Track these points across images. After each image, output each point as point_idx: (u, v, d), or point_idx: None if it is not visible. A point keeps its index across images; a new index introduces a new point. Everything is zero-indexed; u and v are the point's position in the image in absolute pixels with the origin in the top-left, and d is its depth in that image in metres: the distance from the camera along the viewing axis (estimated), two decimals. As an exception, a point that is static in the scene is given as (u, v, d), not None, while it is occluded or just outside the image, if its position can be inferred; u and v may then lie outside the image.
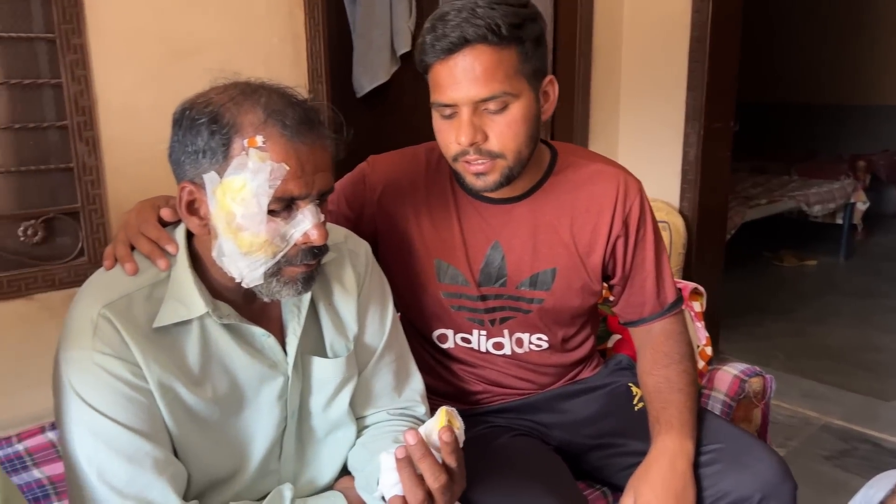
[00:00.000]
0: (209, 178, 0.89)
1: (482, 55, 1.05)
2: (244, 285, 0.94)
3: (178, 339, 0.95)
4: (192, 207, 0.94)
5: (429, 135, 1.44)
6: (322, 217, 0.92)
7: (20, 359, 1.56)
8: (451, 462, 0.88)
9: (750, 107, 3.92)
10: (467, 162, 1.12)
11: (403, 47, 2.78)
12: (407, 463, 0.86)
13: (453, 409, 0.89)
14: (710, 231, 2.83)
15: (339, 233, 1.11)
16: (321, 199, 0.94)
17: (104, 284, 0.94)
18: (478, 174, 1.13)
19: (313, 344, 1.06)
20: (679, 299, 1.32)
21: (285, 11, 1.85)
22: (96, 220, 1.62)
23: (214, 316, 0.95)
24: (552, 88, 1.15)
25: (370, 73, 2.81)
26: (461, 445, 0.89)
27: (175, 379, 0.93)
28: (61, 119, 1.58)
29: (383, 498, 0.92)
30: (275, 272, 0.93)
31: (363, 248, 1.14)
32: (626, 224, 1.24)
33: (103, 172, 1.62)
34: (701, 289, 1.66)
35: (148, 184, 1.64)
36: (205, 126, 0.88)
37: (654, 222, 1.28)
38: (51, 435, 1.46)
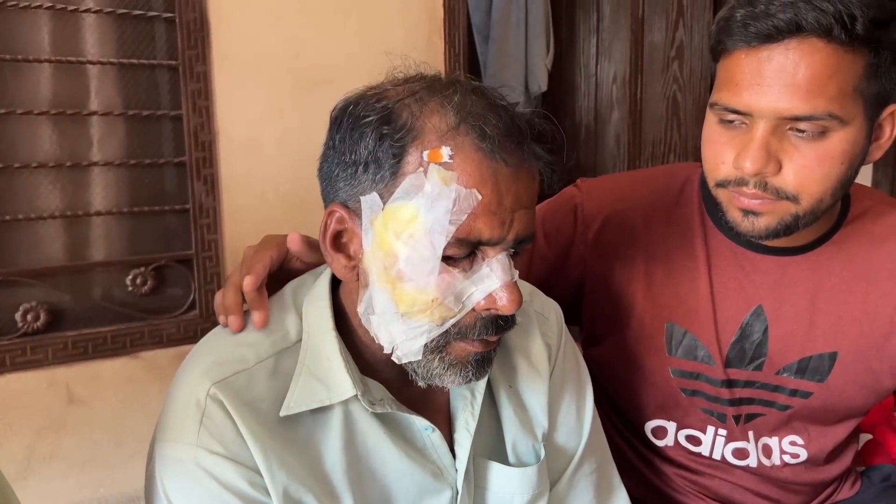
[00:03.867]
0: (369, 201, 0.64)
1: (815, 54, 0.75)
2: (395, 359, 0.67)
3: (314, 434, 0.68)
4: (340, 242, 0.68)
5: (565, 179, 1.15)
6: (516, 275, 0.65)
7: (120, 425, 1.42)
8: None
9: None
10: (741, 195, 0.82)
11: (539, 87, 2.59)
12: None
13: None
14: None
15: (524, 289, 0.83)
16: (517, 249, 0.66)
17: (217, 352, 0.69)
18: (748, 212, 0.81)
19: (491, 444, 0.77)
20: None
21: (424, 38, 1.67)
22: (210, 269, 1.46)
23: (364, 401, 0.68)
24: (891, 122, 0.83)
25: (502, 115, 2.61)
26: None
27: (306, 490, 0.66)
28: (179, 155, 1.45)
29: None
30: (439, 347, 0.66)
31: (553, 310, 0.85)
32: None
33: (221, 215, 1.47)
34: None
35: (270, 228, 1.46)
36: (372, 127, 0.63)
37: None
38: (147, 522, 1.25)
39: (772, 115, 0.76)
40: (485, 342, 0.67)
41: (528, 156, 0.63)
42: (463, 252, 0.63)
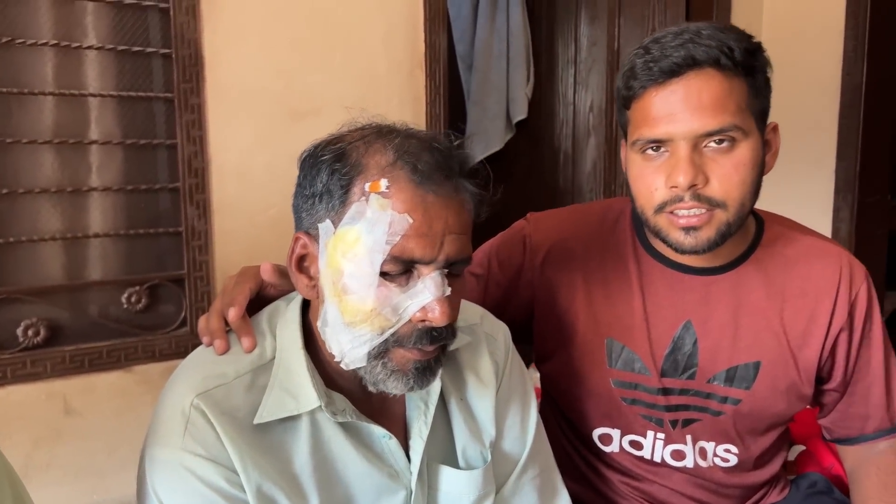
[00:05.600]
0: (324, 227, 0.74)
1: (712, 80, 0.87)
2: (343, 366, 0.76)
3: (284, 439, 0.77)
4: (303, 264, 0.78)
5: (541, 205, 1.25)
6: (448, 290, 0.74)
7: (114, 435, 1.46)
8: None
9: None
10: (675, 214, 0.92)
11: (520, 114, 2.71)
12: None
13: None
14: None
15: (474, 312, 0.93)
16: (452, 270, 0.76)
17: (201, 367, 0.79)
18: (688, 229, 0.91)
19: (443, 450, 0.87)
20: None
21: (406, 71, 1.76)
22: (201, 289, 1.53)
23: (328, 411, 0.77)
24: (774, 137, 0.96)
25: (484, 140, 2.72)
26: None
27: (277, 488, 0.75)
28: (174, 181, 1.52)
29: None
30: (381, 353, 0.75)
31: (501, 331, 0.94)
32: (850, 315, 1.00)
33: (212, 237, 1.54)
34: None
35: (258, 250, 1.56)
36: (327, 165, 0.74)
37: (881, 318, 1.03)
38: (137, 526, 1.32)
39: (689, 135, 0.88)
40: (422, 351, 0.75)
41: (457, 188, 0.73)
42: (398, 269, 0.72)
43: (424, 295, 0.73)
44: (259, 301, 0.86)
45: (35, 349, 1.40)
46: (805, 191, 2.49)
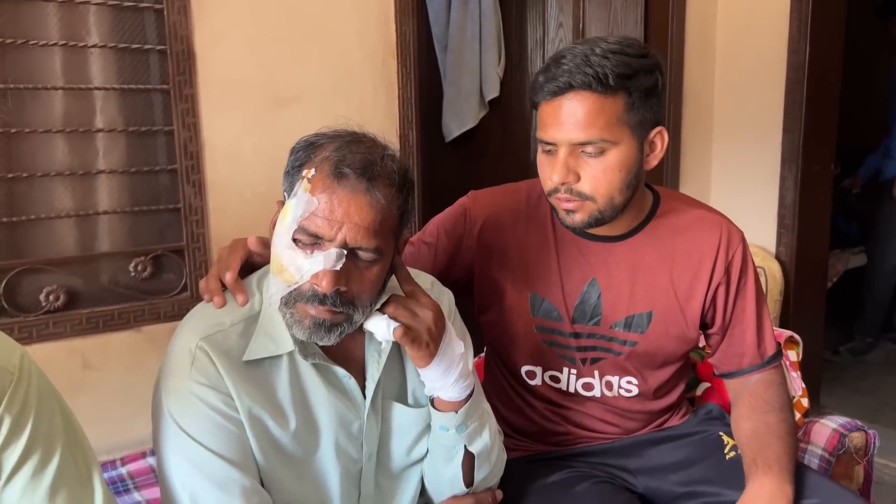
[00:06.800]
0: (285, 197, 0.95)
1: (585, 101, 1.07)
2: (268, 305, 0.97)
3: (269, 373, 0.99)
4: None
5: (514, 177, 1.46)
6: (338, 266, 0.90)
7: (126, 387, 1.64)
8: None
9: (854, 150, 3.74)
10: (559, 199, 1.14)
11: (492, 93, 2.85)
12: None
13: None
14: (810, 278, 2.71)
15: (426, 280, 1.14)
16: (359, 256, 0.93)
17: (203, 318, 1.00)
18: (568, 211, 1.15)
19: (397, 390, 1.08)
20: (779, 353, 1.28)
21: (379, 60, 1.93)
22: (199, 258, 1.72)
23: (301, 354, 0.99)
24: (660, 139, 1.15)
25: (459, 118, 2.88)
26: None
27: (263, 411, 0.97)
28: (172, 163, 1.68)
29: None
30: (288, 303, 0.94)
31: (447, 297, 1.15)
32: (727, 272, 1.22)
33: (207, 213, 1.71)
34: (797, 337, 1.59)
35: (248, 223, 1.73)
36: (296, 153, 0.96)
37: (756, 274, 1.26)
38: (151, 460, 1.54)
39: (566, 142, 1.09)
40: (316, 309, 0.93)
41: (364, 189, 0.91)
42: (306, 239, 0.91)
43: (316, 264, 0.91)
44: (246, 267, 1.08)
45: (56, 312, 1.58)
46: (754, 161, 2.69)
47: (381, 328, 0.97)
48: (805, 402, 1.54)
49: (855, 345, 3.65)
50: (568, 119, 1.08)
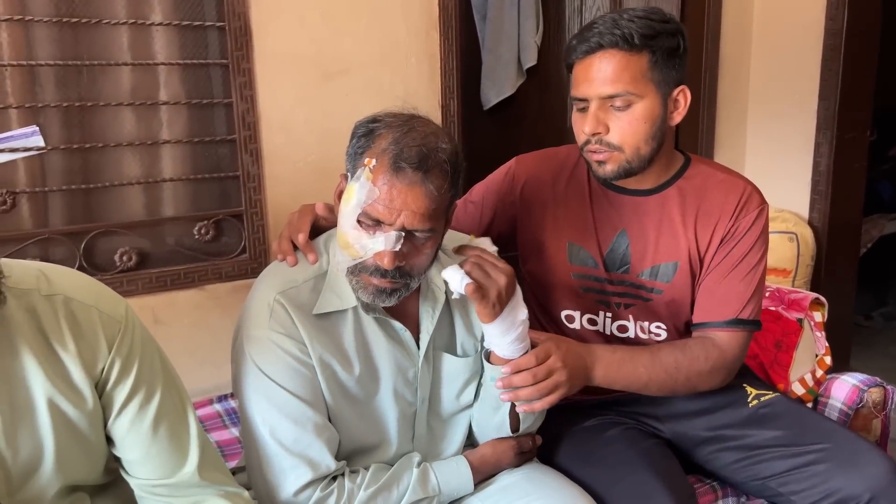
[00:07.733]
0: (348, 177, 1.06)
1: (613, 58, 1.20)
2: (335, 270, 1.09)
3: (336, 325, 1.11)
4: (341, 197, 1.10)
5: (550, 144, 1.56)
6: (397, 247, 1.02)
7: (192, 340, 1.79)
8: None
9: (892, 114, 3.71)
10: (591, 151, 1.25)
11: (530, 61, 2.90)
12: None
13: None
14: (842, 244, 2.75)
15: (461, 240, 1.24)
16: (415, 236, 1.04)
17: (278, 275, 1.13)
18: (599, 162, 1.26)
19: (447, 341, 1.20)
20: (744, 322, 1.29)
21: (423, 33, 2.01)
22: (257, 222, 1.84)
23: (363, 310, 1.10)
24: (683, 97, 1.26)
25: (497, 86, 2.94)
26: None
27: (332, 358, 1.10)
28: (231, 133, 1.80)
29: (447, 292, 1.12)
30: (354, 272, 1.07)
31: None
32: (734, 229, 1.30)
33: (264, 180, 1.83)
34: (822, 299, 1.67)
35: (301, 190, 1.86)
36: (359, 135, 1.06)
37: (764, 245, 1.31)
38: (218, 406, 1.69)
39: (596, 96, 1.22)
40: (379, 280, 1.05)
41: (420, 180, 1.01)
42: (368, 221, 1.03)
43: (378, 244, 1.02)
44: (314, 229, 1.19)
45: (128, 271, 1.72)
46: (789, 128, 2.72)
47: (455, 281, 1.07)
48: (828, 360, 1.62)
49: (888, 309, 3.68)
50: (598, 75, 1.21)
